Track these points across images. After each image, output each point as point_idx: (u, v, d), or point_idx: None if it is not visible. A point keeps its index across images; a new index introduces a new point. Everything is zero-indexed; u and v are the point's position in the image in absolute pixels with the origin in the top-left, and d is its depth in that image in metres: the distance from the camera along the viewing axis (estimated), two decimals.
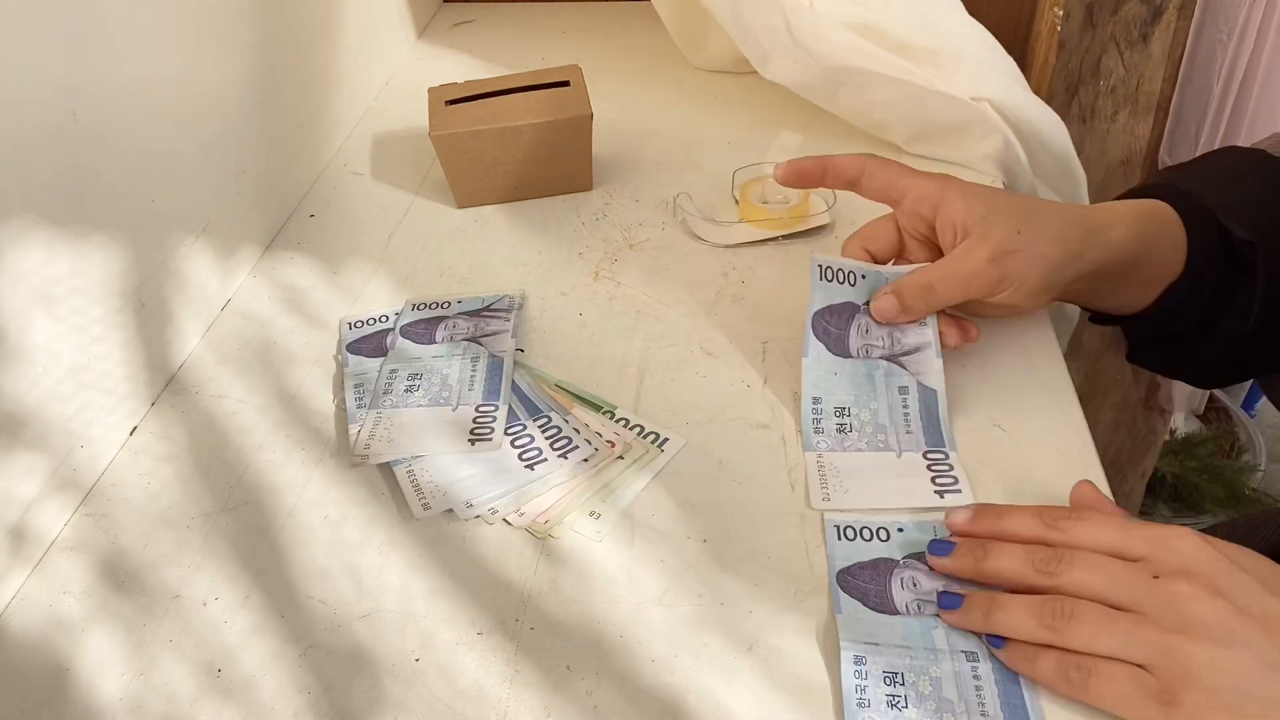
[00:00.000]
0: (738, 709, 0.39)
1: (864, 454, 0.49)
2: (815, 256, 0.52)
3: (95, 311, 0.50)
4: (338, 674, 0.41)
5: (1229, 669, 0.35)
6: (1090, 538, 0.40)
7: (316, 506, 0.49)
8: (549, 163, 0.69)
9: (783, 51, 0.72)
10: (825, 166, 0.54)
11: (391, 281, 0.63)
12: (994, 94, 0.72)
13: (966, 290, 0.49)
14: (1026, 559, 0.40)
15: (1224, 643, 0.35)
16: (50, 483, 0.48)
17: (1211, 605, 0.36)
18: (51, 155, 0.47)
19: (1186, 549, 0.37)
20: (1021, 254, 0.48)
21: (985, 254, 0.48)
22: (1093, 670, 0.37)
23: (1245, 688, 0.34)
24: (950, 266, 0.49)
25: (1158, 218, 0.51)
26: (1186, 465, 1.65)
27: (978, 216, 0.48)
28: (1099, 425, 1.29)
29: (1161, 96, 1.08)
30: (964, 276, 0.48)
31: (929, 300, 0.50)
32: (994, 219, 0.48)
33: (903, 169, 0.53)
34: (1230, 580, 0.36)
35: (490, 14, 1.00)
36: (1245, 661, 0.35)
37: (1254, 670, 0.34)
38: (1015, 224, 0.48)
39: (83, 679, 0.42)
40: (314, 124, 0.74)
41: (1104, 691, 0.36)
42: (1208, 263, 0.51)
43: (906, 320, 0.51)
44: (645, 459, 0.50)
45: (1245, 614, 0.35)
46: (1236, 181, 0.53)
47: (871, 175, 0.53)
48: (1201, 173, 0.55)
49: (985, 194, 0.50)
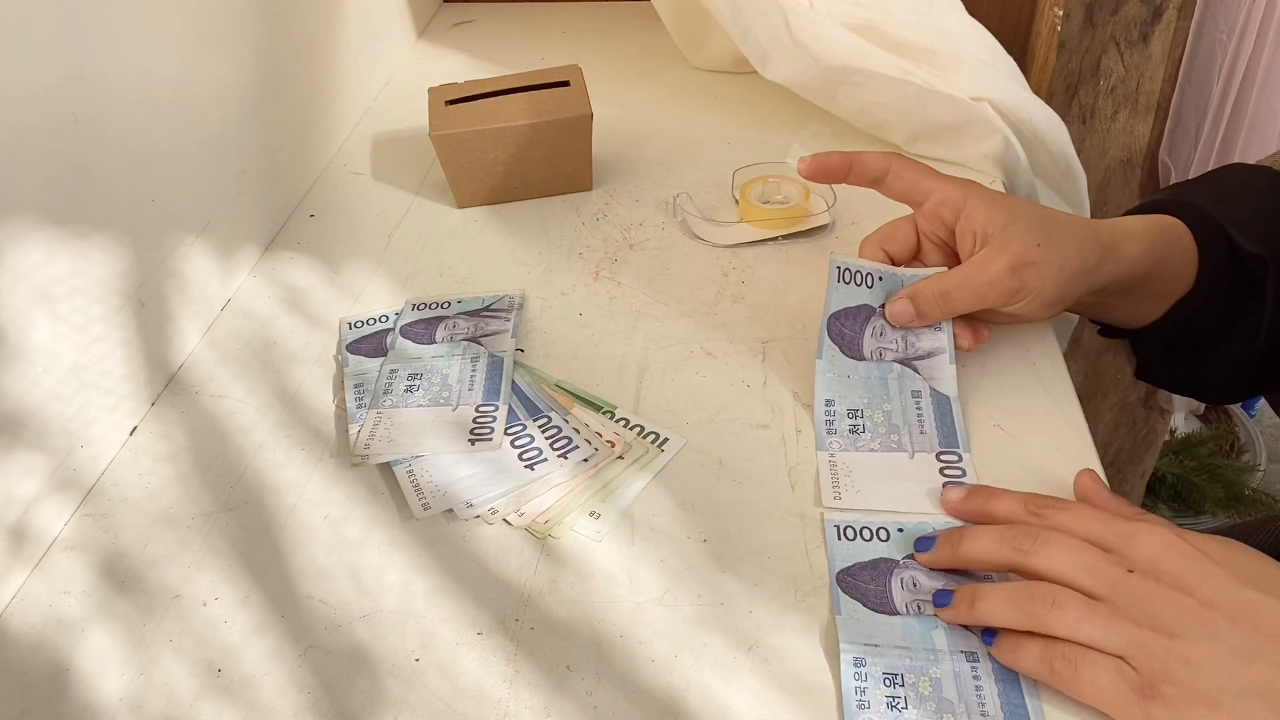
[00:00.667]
0: (738, 709, 0.39)
1: (876, 454, 0.49)
2: (835, 258, 0.52)
3: (95, 311, 0.50)
4: (338, 673, 0.41)
5: (1201, 662, 0.35)
6: (1069, 524, 0.40)
7: (317, 506, 0.49)
8: (549, 163, 0.69)
9: (783, 51, 0.73)
10: (851, 162, 0.53)
11: (391, 281, 0.63)
12: (994, 94, 0.73)
13: (983, 299, 0.49)
14: (1001, 538, 0.40)
15: (1193, 637, 0.35)
16: (50, 482, 0.48)
17: (1177, 602, 0.36)
18: (52, 155, 0.47)
19: (1155, 545, 0.38)
20: (1040, 266, 0.47)
21: (1004, 264, 0.48)
22: (1078, 661, 0.37)
23: (1218, 679, 0.35)
24: (968, 274, 0.49)
25: (1170, 233, 0.51)
26: (1186, 465, 1.66)
27: (998, 225, 0.48)
28: (1099, 425, 1.29)
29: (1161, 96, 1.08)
30: (981, 285, 0.48)
31: (945, 307, 0.50)
32: (1014, 229, 0.48)
33: (928, 171, 0.52)
34: (1198, 575, 0.37)
35: (490, 14, 1.00)
36: (1216, 654, 0.35)
37: (1226, 661, 0.35)
38: (1035, 236, 0.48)
39: (83, 679, 0.42)
40: (314, 124, 0.74)
41: (1088, 683, 0.37)
42: (1218, 278, 0.51)
43: (921, 325, 0.51)
44: (645, 459, 0.50)
45: (1212, 607, 0.36)
46: (1246, 197, 0.53)
47: (897, 175, 0.53)
48: (1210, 188, 0.55)
49: (1007, 203, 0.50)
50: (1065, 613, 0.37)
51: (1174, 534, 0.38)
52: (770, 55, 0.73)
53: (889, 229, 0.54)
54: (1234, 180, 0.56)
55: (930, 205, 0.51)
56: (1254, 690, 0.35)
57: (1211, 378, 0.56)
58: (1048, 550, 0.39)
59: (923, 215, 0.52)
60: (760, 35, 0.73)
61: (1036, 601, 0.38)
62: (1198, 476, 1.64)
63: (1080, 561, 0.38)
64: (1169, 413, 1.39)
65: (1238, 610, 0.36)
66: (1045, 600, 0.37)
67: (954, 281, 0.49)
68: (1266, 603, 0.36)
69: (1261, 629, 0.35)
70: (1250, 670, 0.35)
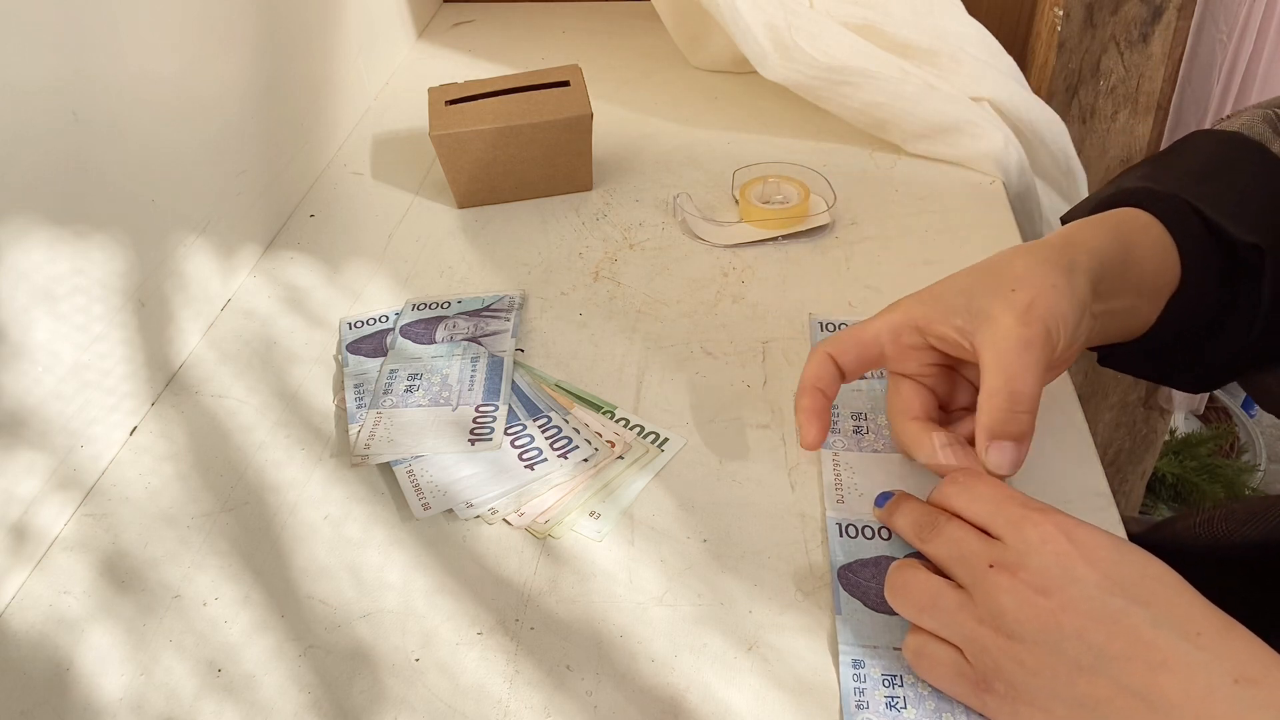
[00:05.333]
0: (738, 708, 0.39)
1: (880, 454, 0.49)
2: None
3: (96, 310, 0.50)
4: (338, 673, 0.41)
5: (1037, 667, 0.34)
6: (962, 507, 0.40)
7: (317, 505, 0.49)
8: (549, 163, 0.69)
9: (783, 51, 0.73)
10: (810, 390, 0.46)
11: (391, 281, 0.63)
12: (994, 94, 0.73)
13: (1032, 366, 0.41)
14: (915, 521, 0.41)
15: (1031, 641, 0.34)
16: (51, 482, 0.48)
17: (1028, 603, 0.35)
18: (52, 154, 0.47)
19: (1034, 538, 0.36)
20: (1035, 300, 0.42)
21: (1015, 328, 0.41)
22: (925, 649, 0.38)
23: (1053, 687, 0.34)
24: (1000, 370, 0.42)
25: (1125, 216, 0.46)
26: (1186, 465, 1.66)
27: (963, 311, 0.43)
28: (1099, 425, 1.29)
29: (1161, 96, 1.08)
30: (1018, 359, 0.41)
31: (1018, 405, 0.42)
32: (980, 301, 0.43)
33: (858, 326, 0.46)
34: (1064, 576, 0.35)
35: (490, 14, 1.00)
36: (1052, 662, 0.34)
37: (1062, 672, 0.34)
38: (1003, 286, 0.43)
39: (83, 678, 0.42)
40: (314, 124, 0.74)
41: (929, 670, 0.38)
42: (1205, 269, 0.46)
43: (1026, 444, 0.42)
44: (645, 459, 0.50)
45: (1067, 611, 0.34)
46: (1223, 174, 0.48)
47: (841, 352, 0.46)
48: (1181, 165, 0.49)
49: (947, 289, 0.44)
50: (909, 602, 0.38)
51: (1058, 529, 0.36)
52: (770, 55, 0.73)
53: (893, 401, 0.47)
54: (1204, 153, 0.50)
55: (893, 349, 0.46)
56: (1089, 703, 0.33)
57: (1194, 371, 0.52)
58: (937, 540, 0.39)
59: (897, 363, 0.46)
60: (760, 35, 0.73)
61: (896, 589, 0.39)
62: (1198, 476, 1.64)
63: (955, 552, 0.38)
64: (1169, 413, 1.39)
65: (1094, 618, 0.34)
66: (905, 587, 0.39)
67: (999, 383, 0.41)
68: (1128, 613, 0.33)
69: (1113, 640, 0.33)
70: (1088, 683, 0.33)
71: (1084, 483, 0.47)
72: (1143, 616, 0.33)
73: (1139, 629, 0.33)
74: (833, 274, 0.62)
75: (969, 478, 0.41)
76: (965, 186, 0.69)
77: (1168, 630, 0.33)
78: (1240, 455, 1.77)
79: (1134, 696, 0.32)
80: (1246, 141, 0.49)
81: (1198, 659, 0.32)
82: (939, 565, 0.39)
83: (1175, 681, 0.32)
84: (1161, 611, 0.33)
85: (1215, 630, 0.33)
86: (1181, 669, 0.32)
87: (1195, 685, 0.32)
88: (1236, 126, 0.51)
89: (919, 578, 0.38)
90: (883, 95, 0.70)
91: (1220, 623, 0.33)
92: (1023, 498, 0.38)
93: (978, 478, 0.41)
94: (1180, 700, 0.32)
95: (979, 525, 0.39)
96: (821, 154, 0.73)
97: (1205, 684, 0.32)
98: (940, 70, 0.74)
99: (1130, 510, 1.47)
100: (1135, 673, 0.33)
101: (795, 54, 0.72)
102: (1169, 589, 0.34)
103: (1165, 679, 0.32)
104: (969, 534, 0.38)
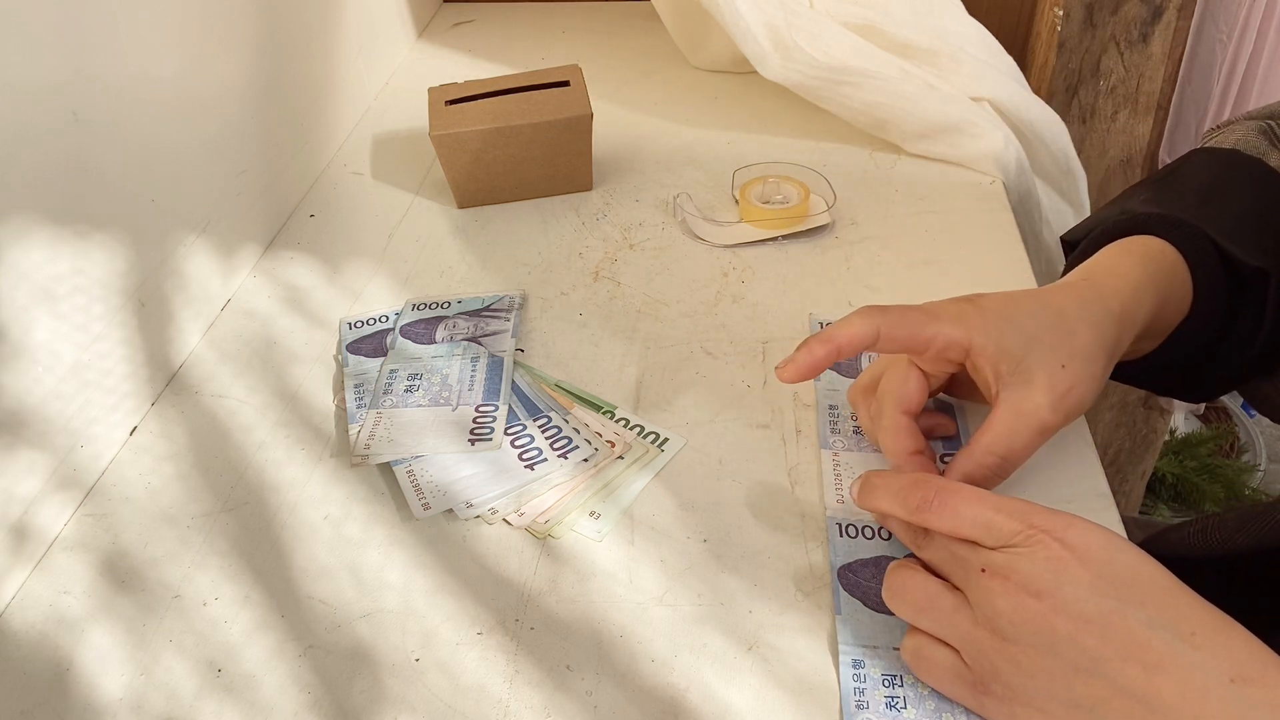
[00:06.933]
0: (738, 708, 0.39)
1: (880, 454, 0.49)
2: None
3: (96, 310, 0.50)
4: (338, 672, 0.41)
5: (1033, 669, 0.34)
6: (957, 507, 0.38)
7: (317, 505, 0.49)
8: (549, 163, 0.69)
9: (783, 51, 0.73)
10: (836, 347, 0.44)
11: (391, 281, 0.63)
12: (994, 94, 0.73)
13: (1037, 444, 0.44)
14: (909, 524, 0.41)
15: (1026, 643, 0.34)
16: (51, 481, 0.48)
17: (1022, 606, 0.34)
18: (52, 154, 0.47)
19: (1025, 543, 0.36)
20: (1076, 388, 0.43)
21: (1045, 409, 0.43)
22: (923, 650, 0.38)
23: (1049, 688, 0.34)
24: (1007, 438, 0.43)
25: (1165, 264, 0.47)
26: (1186, 465, 1.66)
27: (1014, 360, 0.43)
28: (1099, 425, 1.29)
29: (1161, 96, 1.08)
30: (1031, 437, 0.43)
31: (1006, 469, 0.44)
32: (1032, 361, 0.43)
33: (918, 318, 0.45)
34: (1057, 579, 0.34)
35: (490, 14, 1.00)
36: (1048, 664, 0.34)
37: (1058, 674, 0.34)
38: (1057, 357, 0.43)
39: (84, 678, 0.42)
40: (314, 124, 0.74)
41: (928, 671, 0.38)
42: (1214, 297, 0.48)
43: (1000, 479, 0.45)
44: (645, 459, 0.50)
45: (1061, 614, 0.34)
46: (1223, 197, 0.49)
47: (889, 337, 0.45)
48: (1183, 188, 0.50)
49: (1013, 327, 0.44)
50: (906, 603, 0.38)
51: (1048, 533, 0.35)
52: (770, 55, 0.73)
53: (900, 389, 0.47)
54: (1205, 173, 0.51)
55: (933, 352, 0.45)
56: (1086, 704, 0.33)
57: (1194, 385, 0.53)
58: (931, 545, 0.39)
59: (925, 360, 0.47)
60: (760, 35, 0.73)
61: (894, 591, 0.39)
62: (1198, 476, 1.64)
63: (950, 555, 0.38)
64: (1169, 413, 1.39)
65: (1088, 620, 0.33)
66: (903, 589, 0.38)
67: (1001, 447, 0.43)
68: (1121, 613, 0.33)
69: (1108, 642, 0.33)
70: (1084, 684, 0.33)
71: (1084, 483, 0.47)
72: (1137, 617, 0.33)
73: (1133, 630, 0.33)
74: (833, 274, 0.62)
75: (946, 496, 0.39)
76: (965, 186, 0.69)
77: (1162, 630, 0.33)
78: (1240, 455, 1.77)
79: (1130, 697, 0.33)
80: (1245, 160, 0.50)
81: (1193, 659, 0.32)
82: (929, 565, 0.39)
83: (1171, 682, 0.32)
84: (1155, 612, 0.33)
85: (1210, 629, 0.33)
86: (1177, 669, 0.32)
87: (1191, 685, 0.32)
88: (1233, 142, 0.52)
89: (916, 579, 0.38)
90: (883, 95, 0.70)
91: (1215, 622, 0.33)
92: (1008, 507, 0.37)
93: (955, 494, 0.39)
94: (1176, 701, 0.32)
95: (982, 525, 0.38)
96: (821, 154, 0.73)
97: (1201, 684, 0.32)
98: (940, 70, 0.74)
99: (1130, 510, 1.47)
100: (1131, 674, 0.33)
101: (795, 54, 0.72)
102: (1163, 589, 0.34)
103: (1161, 680, 0.32)
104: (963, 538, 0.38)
